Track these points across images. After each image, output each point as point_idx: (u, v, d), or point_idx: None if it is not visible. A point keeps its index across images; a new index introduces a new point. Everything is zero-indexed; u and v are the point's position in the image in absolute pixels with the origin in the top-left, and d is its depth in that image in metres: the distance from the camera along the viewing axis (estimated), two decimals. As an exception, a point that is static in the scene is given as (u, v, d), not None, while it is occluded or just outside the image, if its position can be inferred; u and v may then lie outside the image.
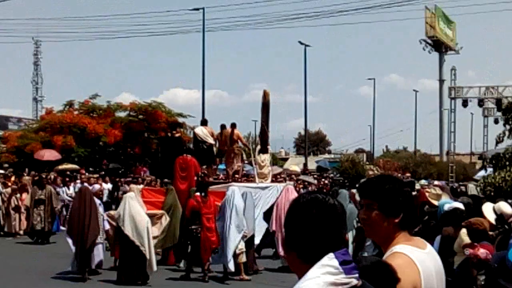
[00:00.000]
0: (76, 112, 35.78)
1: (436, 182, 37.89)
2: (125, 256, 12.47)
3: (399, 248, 2.92)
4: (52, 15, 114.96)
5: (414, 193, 16.49)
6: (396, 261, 2.81)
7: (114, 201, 22.62)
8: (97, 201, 13.76)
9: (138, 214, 12.48)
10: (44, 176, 23.27)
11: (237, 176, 20.81)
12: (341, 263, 2.25)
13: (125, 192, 16.80)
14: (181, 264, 14.33)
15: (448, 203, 9.27)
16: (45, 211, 18.96)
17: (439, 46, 59.54)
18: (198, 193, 13.69)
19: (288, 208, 2.47)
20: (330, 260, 2.26)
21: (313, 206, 2.38)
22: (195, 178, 17.08)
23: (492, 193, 13.44)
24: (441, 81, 59.83)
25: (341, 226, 2.39)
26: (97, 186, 15.90)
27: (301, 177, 34.32)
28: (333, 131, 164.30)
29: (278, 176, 30.66)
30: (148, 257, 12.26)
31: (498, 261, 3.18)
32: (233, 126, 20.69)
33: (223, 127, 21.01)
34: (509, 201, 9.66)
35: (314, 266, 2.23)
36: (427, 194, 11.81)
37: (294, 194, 13.48)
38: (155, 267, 12.55)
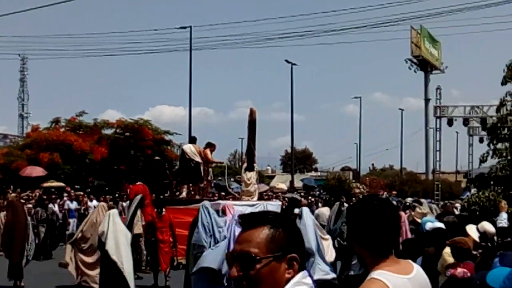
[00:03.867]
0: (62, 129, 35.72)
1: (422, 200, 38.14)
2: (105, 273, 12.45)
3: (377, 274, 2.87)
4: (39, 33, 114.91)
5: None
6: (371, 287, 2.81)
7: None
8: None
9: (121, 231, 12.45)
10: (29, 193, 23.20)
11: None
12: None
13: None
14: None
15: (430, 222, 9.35)
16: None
17: (425, 65, 60.06)
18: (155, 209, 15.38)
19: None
20: (304, 278, 2.29)
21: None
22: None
23: (477, 212, 13.58)
24: (427, 100, 60.27)
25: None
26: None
27: (288, 195, 34.35)
28: (320, 149, 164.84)
29: (265, 194, 30.73)
30: (126, 275, 12.19)
31: (481, 279, 3.24)
32: (206, 145, 20.91)
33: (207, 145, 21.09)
34: (496, 219, 9.81)
35: (289, 282, 2.25)
36: (412, 213, 11.92)
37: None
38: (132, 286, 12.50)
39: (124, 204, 21.86)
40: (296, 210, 15.27)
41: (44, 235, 18.93)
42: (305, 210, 13.22)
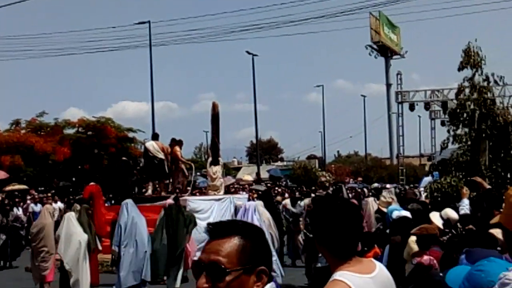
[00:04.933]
0: (23, 131, 35.16)
1: (388, 186, 38.50)
2: (63, 277, 12.33)
3: (338, 275, 2.87)
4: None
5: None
6: None
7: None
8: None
9: (76, 234, 12.28)
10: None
11: (177, 190, 20.74)
12: None
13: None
14: None
15: (397, 211, 9.41)
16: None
17: (385, 51, 60.45)
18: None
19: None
20: None
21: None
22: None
23: (439, 199, 13.69)
24: (388, 85, 60.73)
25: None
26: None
27: (254, 186, 34.33)
28: (285, 138, 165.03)
29: (231, 187, 30.67)
30: (72, 279, 12.04)
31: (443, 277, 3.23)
32: (173, 142, 20.72)
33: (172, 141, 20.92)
34: (458, 205, 9.89)
35: None
36: (377, 202, 11.97)
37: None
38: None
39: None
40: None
41: (4, 243, 18.05)
42: (259, 204, 13.31)
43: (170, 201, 13.74)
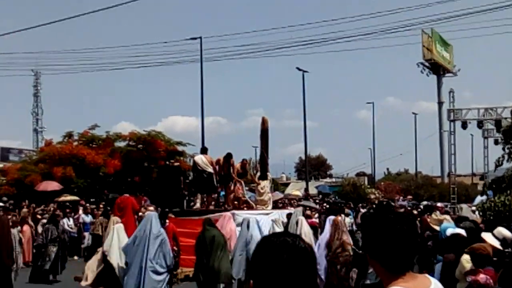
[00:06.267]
0: (75, 143, 35.73)
1: (439, 204, 37.79)
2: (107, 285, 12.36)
3: None
4: (51, 48, 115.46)
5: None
6: None
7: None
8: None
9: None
10: (43, 208, 23.12)
11: (236, 203, 20.77)
12: None
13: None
14: None
15: (451, 228, 9.18)
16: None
17: (437, 69, 59.79)
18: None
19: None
20: None
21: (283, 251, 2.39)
22: (134, 215, 18.10)
23: (491, 217, 13.34)
24: (440, 103, 59.95)
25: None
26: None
27: (303, 202, 34.16)
28: (334, 155, 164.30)
29: (279, 202, 30.58)
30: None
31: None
32: (229, 156, 20.68)
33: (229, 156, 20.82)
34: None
35: None
36: (428, 219, 11.72)
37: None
38: None
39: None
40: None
41: (56, 255, 17.73)
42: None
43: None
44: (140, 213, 18.07)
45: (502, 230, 8.34)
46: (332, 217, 12.41)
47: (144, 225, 11.47)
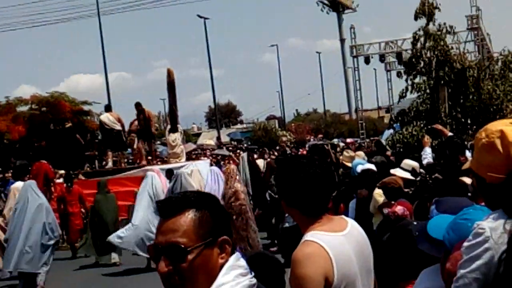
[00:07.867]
0: (-26, 112, 34.24)
1: (348, 140, 38.62)
2: None
3: (309, 235, 2.78)
4: None
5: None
6: (305, 250, 2.71)
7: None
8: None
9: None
10: None
11: (150, 158, 20.56)
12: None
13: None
14: None
15: (361, 164, 9.31)
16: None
17: (336, 6, 60.21)
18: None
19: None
20: (238, 261, 2.07)
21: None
22: (48, 183, 17.17)
23: (401, 149, 13.68)
24: (342, 40, 60.68)
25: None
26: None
27: (216, 151, 34.16)
28: (243, 101, 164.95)
29: (193, 153, 30.41)
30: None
31: (420, 229, 3.07)
32: (140, 106, 20.00)
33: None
34: (421, 155, 9.86)
35: (223, 268, 2.03)
36: (340, 157, 11.90)
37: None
38: None
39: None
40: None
41: None
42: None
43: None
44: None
45: (408, 161, 8.54)
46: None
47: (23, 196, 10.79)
